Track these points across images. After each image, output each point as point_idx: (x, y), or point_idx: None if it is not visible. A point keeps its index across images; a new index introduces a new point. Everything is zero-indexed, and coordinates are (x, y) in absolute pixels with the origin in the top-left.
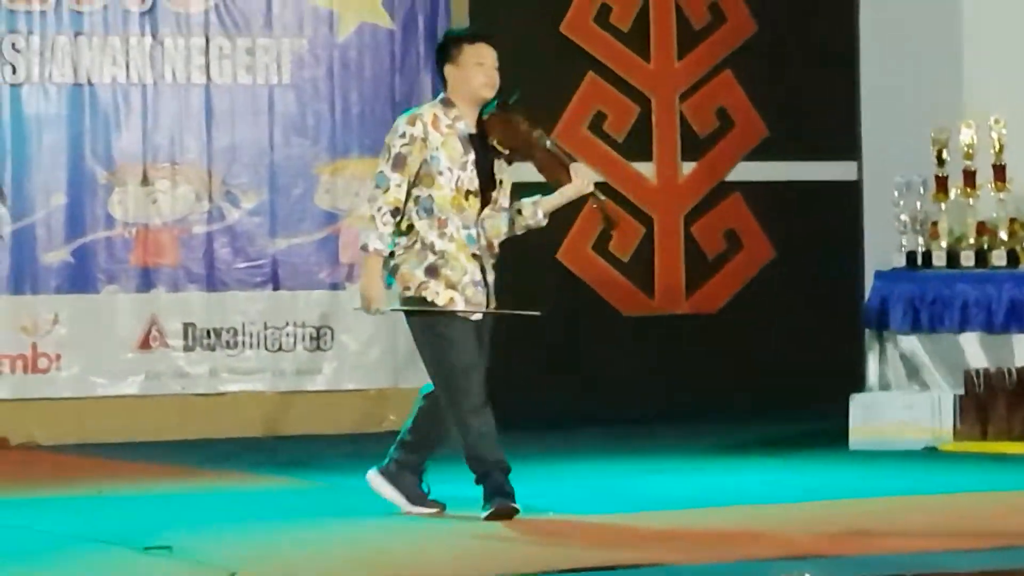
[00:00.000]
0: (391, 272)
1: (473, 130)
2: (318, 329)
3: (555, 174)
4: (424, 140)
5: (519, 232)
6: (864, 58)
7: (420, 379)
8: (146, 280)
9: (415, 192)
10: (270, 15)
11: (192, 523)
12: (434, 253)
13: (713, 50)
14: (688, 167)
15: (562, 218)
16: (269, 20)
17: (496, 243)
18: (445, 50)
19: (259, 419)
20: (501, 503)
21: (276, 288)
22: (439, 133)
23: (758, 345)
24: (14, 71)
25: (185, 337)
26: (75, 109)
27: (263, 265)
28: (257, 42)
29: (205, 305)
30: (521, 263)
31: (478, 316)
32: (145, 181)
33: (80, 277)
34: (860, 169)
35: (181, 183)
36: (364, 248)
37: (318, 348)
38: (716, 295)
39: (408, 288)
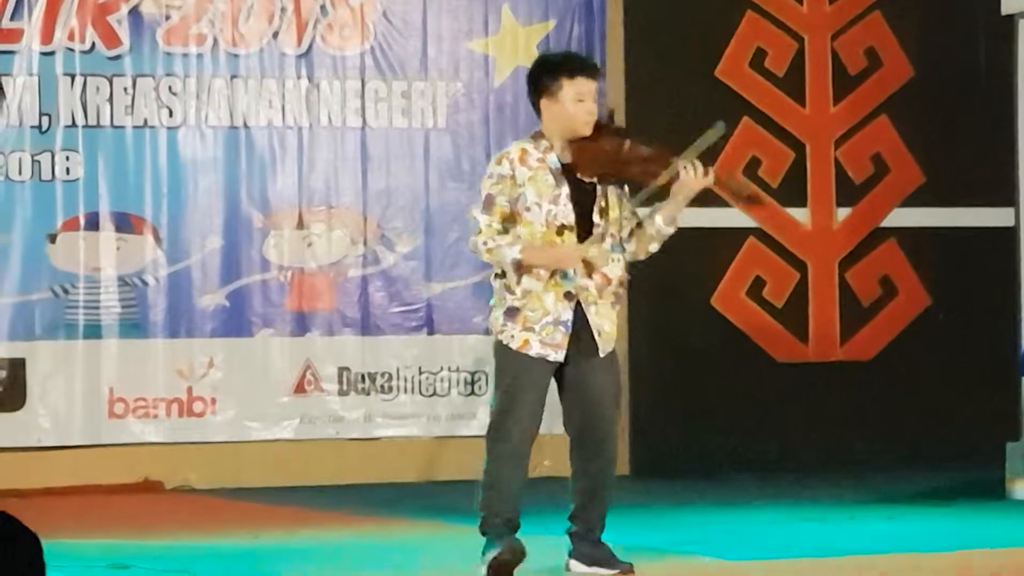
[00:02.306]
0: (516, 268)
1: (568, 160)
2: (473, 374)
3: (658, 178)
4: (512, 177)
5: (652, 248)
6: (1022, 102)
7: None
8: (301, 324)
9: (515, 230)
10: (426, 59)
11: (346, 570)
12: (513, 294)
13: (869, 95)
14: (843, 213)
15: (716, 263)
16: (425, 64)
17: (612, 276)
18: (539, 81)
19: (413, 464)
20: (496, 561)
21: (431, 333)
22: (527, 168)
23: (913, 393)
24: (171, 114)
25: (340, 381)
26: (231, 152)
27: (418, 309)
28: (413, 86)
29: (360, 349)
30: (674, 308)
31: (558, 356)
32: (300, 225)
33: (235, 321)
34: (1018, 215)
35: (336, 227)
36: (516, 263)
37: (473, 393)
38: (871, 342)
39: (497, 333)
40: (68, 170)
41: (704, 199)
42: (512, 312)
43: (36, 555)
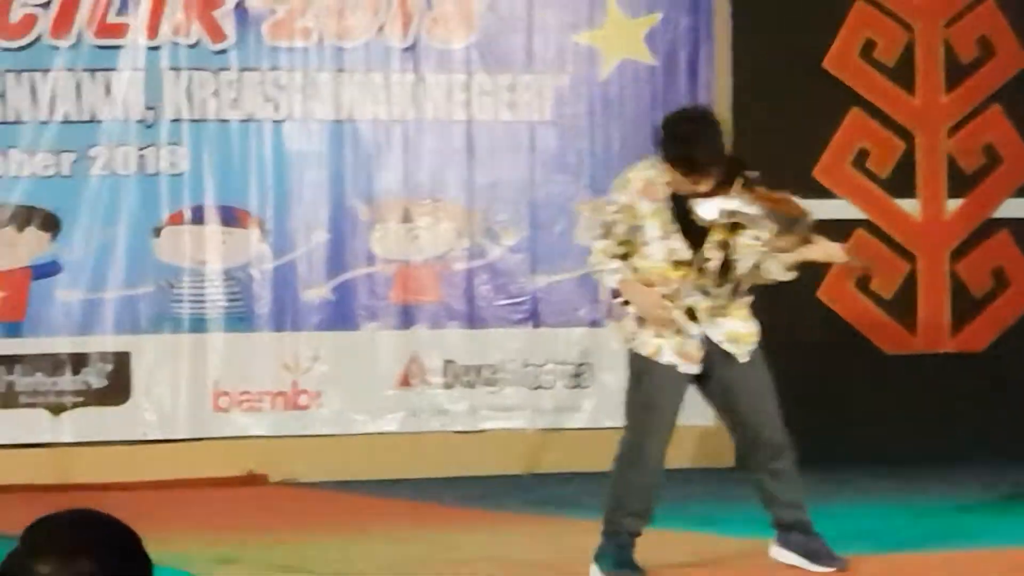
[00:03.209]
0: (615, 296)
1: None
2: (578, 366)
3: (784, 236)
4: (632, 209)
5: (762, 282)
6: None
7: (685, 418)
8: (406, 317)
9: (627, 253)
10: (531, 52)
11: (453, 562)
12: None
13: (981, 84)
14: (954, 204)
15: None
16: (531, 57)
17: (717, 296)
18: (662, 147)
19: (519, 456)
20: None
21: (536, 325)
22: (651, 202)
23: (1021, 383)
24: (276, 108)
25: (445, 374)
26: (336, 146)
27: (523, 302)
28: (519, 79)
29: (465, 342)
30: (781, 301)
31: (692, 369)
32: (406, 218)
33: (341, 314)
34: None
35: (442, 220)
36: (614, 292)
37: (578, 386)
38: (982, 333)
39: (628, 342)
40: (173, 164)
41: (812, 190)
42: (642, 319)
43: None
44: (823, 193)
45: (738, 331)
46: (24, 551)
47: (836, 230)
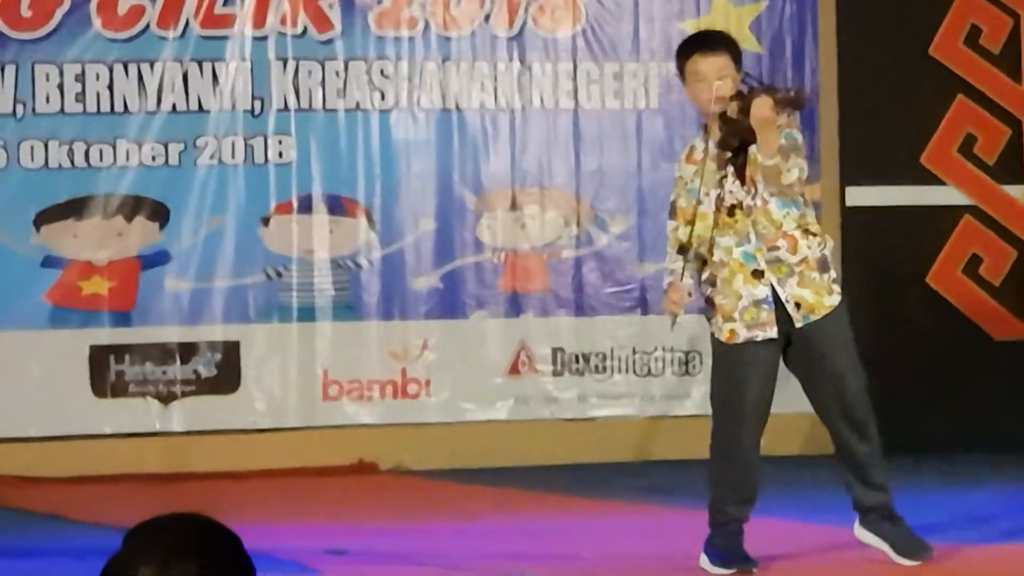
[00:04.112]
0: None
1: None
2: (687, 353)
3: (746, 127)
4: (680, 178)
5: (778, 183)
6: None
7: (791, 404)
8: (515, 305)
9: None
10: (637, 40)
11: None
12: (712, 285)
13: None
14: None
15: (932, 242)
16: (637, 45)
17: (783, 234)
18: (677, 59)
19: (628, 444)
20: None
21: (645, 313)
22: (692, 164)
23: None
24: (383, 97)
25: (554, 362)
26: (443, 135)
27: (632, 290)
28: (625, 67)
29: (574, 330)
30: (890, 286)
31: (769, 333)
32: (514, 206)
33: (449, 302)
34: None
35: (549, 208)
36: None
37: (687, 373)
38: None
39: (710, 327)
40: (281, 154)
41: (920, 177)
42: (711, 303)
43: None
44: (931, 179)
45: (804, 297)
46: (126, 554)
47: (944, 216)
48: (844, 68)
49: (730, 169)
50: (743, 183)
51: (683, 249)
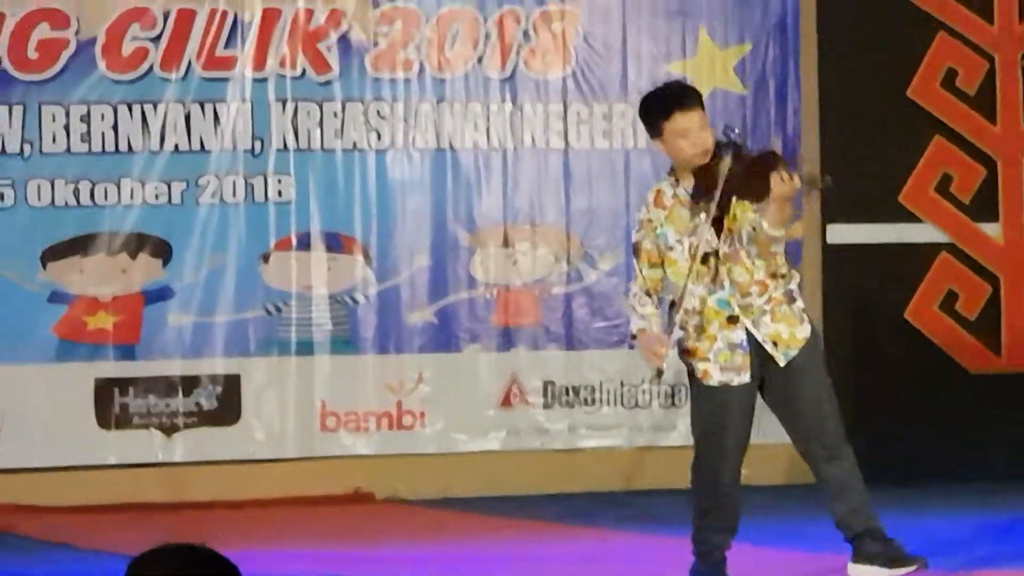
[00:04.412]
0: (632, 339)
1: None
2: (673, 386)
3: (757, 191)
4: (650, 221)
5: (773, 250)
6: None
7: (772, 435)
8: (507, 339)
9: (667, 271)
10: (626, 81)
11: None
12: (683, 329)
13: None
14: None
15: (910, 278)
16: (625, 86)
17: (755, 281)
18: (648, 124)
19: (616, 474)
20: None
21: (632, 347)
22: (662, 208)
23: None
24: (379, 137)
25: (544, 395)
26: (437, 173)
27: (620, 325)
28: (614, 107)
29: (564, 363)
30: (869, 321)
31: (743, 379)
32: (506, 243)
33: (443, 336)
34: None
35: (541, 245)
36: (632, 337)
37: (673, 404)
38: None
39: (685, 365)
40: (280, 192)
41: (898, 215)
42: (684, 346)
43: None
44: (909, 217)
45: (780, 334)
46: None
47: (921, 253)
48: (825, 109)
49: (703, 217)
50: (718, 232)
51: (650, 293)
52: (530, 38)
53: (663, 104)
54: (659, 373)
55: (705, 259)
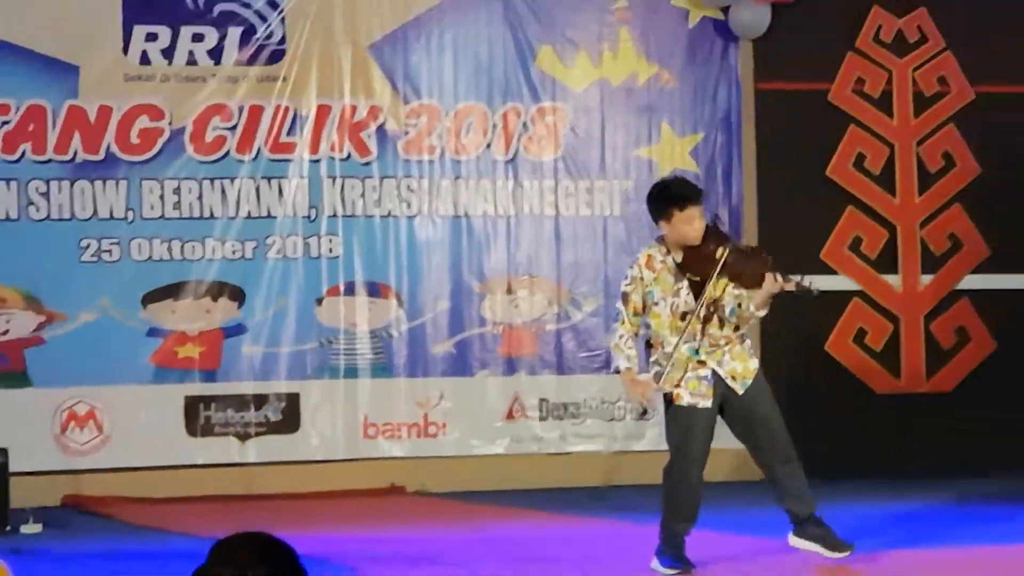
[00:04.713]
0: (615, 372)
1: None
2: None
3: (748, 282)
4: (641, 279)
5: (752, 322)
6: None
7: (720, 441)
8: (511, 366)
9: (646, 319)
10: (604, 163)
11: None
12: (660, 365)
13: (946, 188)
14: (927, 279)
15: (829, 318)
16: (603, 167)
17: (723, 335)
18: (656, 208)
19: (598, 473)
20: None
21: (610, 372)
22: (652, 271)
23: (981, 418)
24: (409, 206)
25: (540, 410)
26: (455, 235)
27: (600, 354)
28: (595, 184)
29: (556, 385)
30: (795, 354)
31: (707, 404)
32: (509, 290)
33: (460, 364)
34: None
35: (537, 292)
36: (616, 370)
37: (642, 418)
38: (950, 377)
39: (659, 389)
40: (331, 250)
41: (819, 269)
42: (659, 376)
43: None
44: (828, 270)
45: (736, 369)
46: (212, 563)
47: (838, 299)
48: (761, 185)
49: (684, 283)
50: (695, 297)
51: (634, 336)
52: (528, 128)
53: (677, 198)
54: (644, 412)
55: (683, 316)
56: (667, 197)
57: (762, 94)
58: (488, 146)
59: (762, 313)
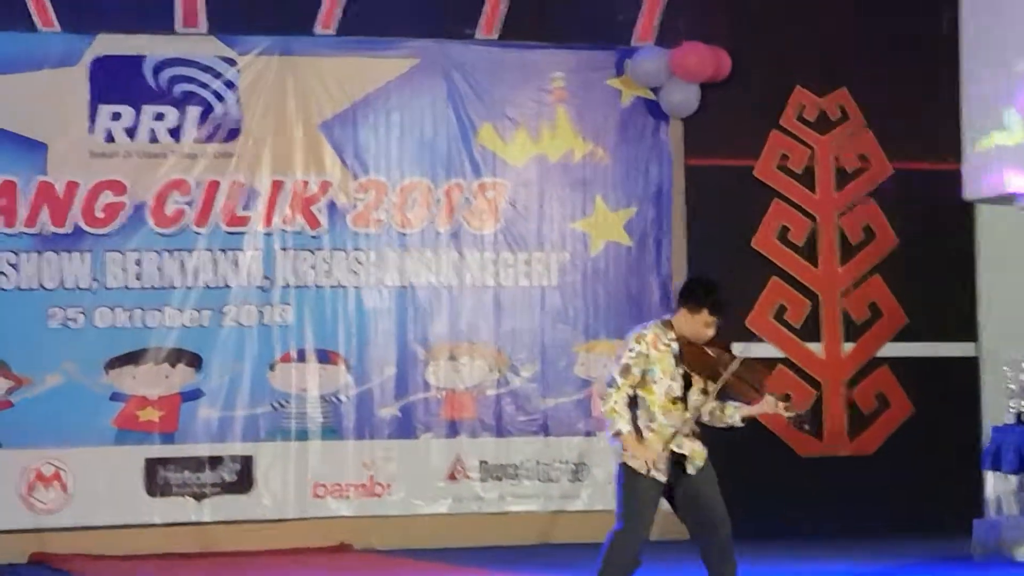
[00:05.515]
0: (615, 435)
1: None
2: (577, 465)
3: (743, 393)
4: (647, 356)
5: (719, 425)
6: (980, 265)
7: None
8: (453, 429)
9: (637, 391)
10: (541, 236)
11: None
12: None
13: (866, 259)
14: (848, 346)
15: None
16: (541, 240)
17: (696, 424)
18: (689, 298)
19: (535, 531)
20: None
21: (547, 435)
22: (657, 351)
23: (902, 480)
24: (357, 277)
25: (481, 471)
26: (401, 304)
27: (537, 418)
28: (532, 255)
29: (495, 447)
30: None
31: (662, 478)
32: (452, 357)
33: (405, 426)
34: (978, 347)
35: (478, 358)
36: (618, 433)
37: (577, 479)
38: (871, 440)
39: (624, 452)
40: (284, 318)
41: (745, 336)
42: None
43: None
44: (753, 337)
45: (694, 450)
46: None
47: (763, 365)
48: (690, 256)
49: (680, 371)
50: (686, 387)
51: (629, 403)
52: (470, 203)
53: (716, 305)
54: (648, 471)
55: (675, 401)
56: (709, 299)
57: (691, 170)
58: (432, 220)
59: (741, 424)
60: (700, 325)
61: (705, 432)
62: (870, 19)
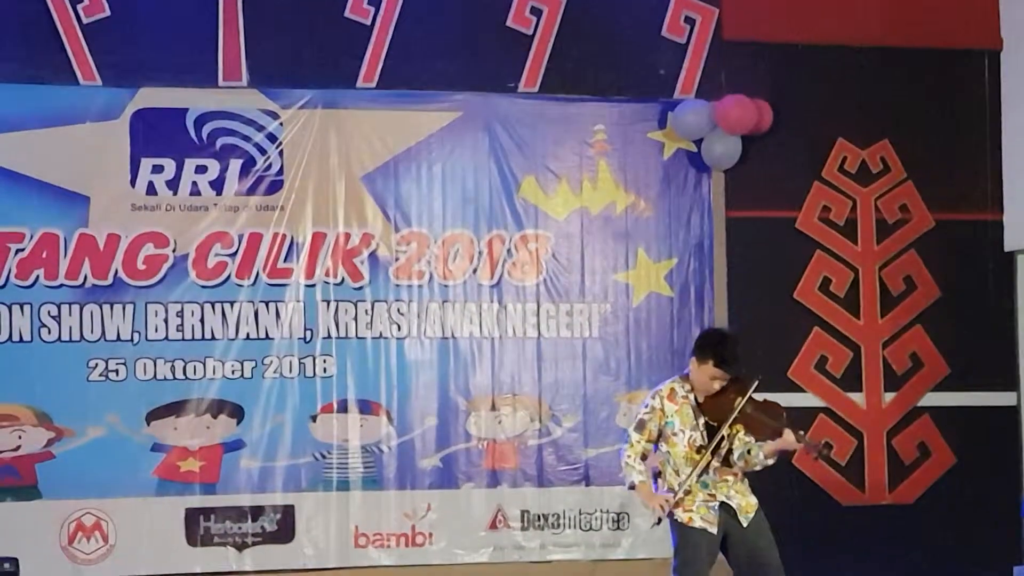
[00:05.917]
0: (630, 488)
1: (701, 400)
2: (618, 514)
3: (761, 433)
4: (661, 410)
5: (755, 468)
6: (1021, 315)
7: None
8: (494, 479)
9: (661, 446)
10: (583, 287)
11: None
12: (673, 491)
13: (907, 310)
14: (889, 396)
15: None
16: (583, 291)
17: (731, 473)
18: (701, 350)
19: None
20: None
21: (588, 484)
22: (674, 404)
23: (942, 528)
24: (399, 328)
25: (522, 520)
26: (443, 356)
27: (579, 468)
28: (574, 307)
29: (537, 497)
30: (767, 468)
31: (714, 530)
32: (493, 407)
33: (446, 477)
34: (1019, 397)
35: (520, 409)
36: (631, 486)
37: (618, 528)
38: (911, 490)
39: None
40: (325, 369)
41: (787, 387)
42: (675, 493)
43: None
44: (795, 388)
45: (742, 504)
46: None
47: (804, 414)
48: (733, 306)
49: (701, 420)
50: (710, 435)
51: (644, 457)
52: (512, 254)
53: (722, 358)
54: (659, 520)
55: (699, 450)
56: (716, 351)
57: (733, 221)
58: (474, 271)
59: (770, 462)
60: (706, 377)
61: (753, 485)
62: (911, 70)
